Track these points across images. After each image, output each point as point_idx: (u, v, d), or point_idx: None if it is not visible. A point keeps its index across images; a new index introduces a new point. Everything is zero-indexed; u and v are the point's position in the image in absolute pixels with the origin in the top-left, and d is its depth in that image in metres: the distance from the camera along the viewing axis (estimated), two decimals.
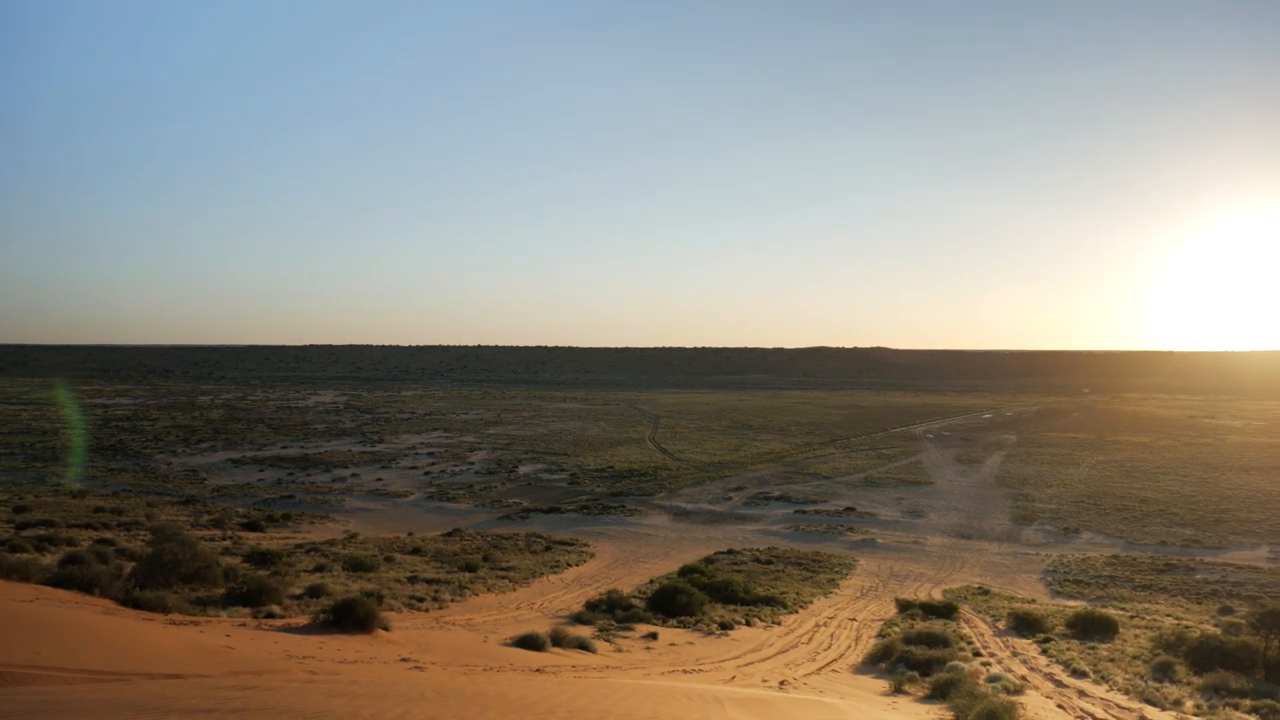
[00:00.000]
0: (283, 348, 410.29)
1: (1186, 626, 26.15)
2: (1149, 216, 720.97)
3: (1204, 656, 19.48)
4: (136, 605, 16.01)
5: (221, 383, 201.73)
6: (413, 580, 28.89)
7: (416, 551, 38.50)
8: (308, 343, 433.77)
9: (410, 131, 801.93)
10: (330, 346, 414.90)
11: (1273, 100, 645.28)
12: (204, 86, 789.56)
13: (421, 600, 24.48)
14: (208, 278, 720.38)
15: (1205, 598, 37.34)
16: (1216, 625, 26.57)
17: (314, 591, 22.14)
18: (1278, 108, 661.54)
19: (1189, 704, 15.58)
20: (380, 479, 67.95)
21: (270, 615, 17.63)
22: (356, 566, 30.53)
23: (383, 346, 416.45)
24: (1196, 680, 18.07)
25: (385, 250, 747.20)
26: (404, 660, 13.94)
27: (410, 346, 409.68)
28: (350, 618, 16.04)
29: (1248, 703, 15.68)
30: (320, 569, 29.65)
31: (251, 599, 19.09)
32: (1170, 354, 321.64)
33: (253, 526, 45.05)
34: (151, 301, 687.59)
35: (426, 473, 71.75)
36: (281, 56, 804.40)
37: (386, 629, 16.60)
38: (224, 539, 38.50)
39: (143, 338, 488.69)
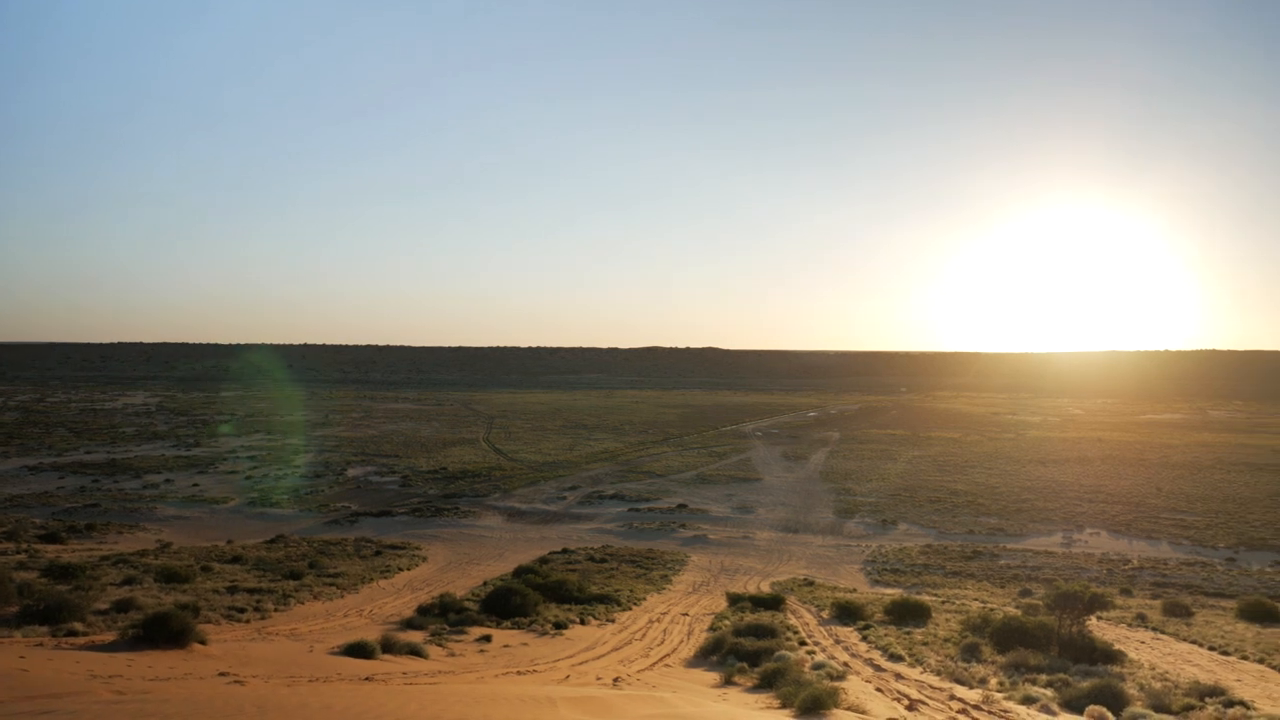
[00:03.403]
0: (86, 345, 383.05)
1: (991, 609, 27.96)
2: (957, 225, 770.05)
3: (1006, 637, 20.95)
4: None
5: (15, 383, 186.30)
6: (232, 590, 27.58)
7: (236, 560, 36.80)
8: (115, 340, 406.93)
9: (237, 126, 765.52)
10: (141, 344, 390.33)
11: (1080, 110, 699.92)
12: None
13: (242, 611, 23.40)
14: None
15: (1008, 582, 40.06)
16: (1017, 607, 28.52)
17: (122, 606, 20.82)
18: (1086, 117, 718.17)
19: (993, 681, 16.69)
20: (197, 485, 64.42)
21: (72, 633, 16.43)
22: (170, 578, 28.94)
23: (199, 345, 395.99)
24: (1000, 659, 19.42)
25: (202, 242, 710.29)
26: (222, 675, 13.25)
27: (230, 344, 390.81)
28: (162, 632, 15.12)
29: (1044, 677, 16.96)
30: (129, 582, 27.97)
31: (50, 616, 17.75)
32: (978, 355, 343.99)
33: (52, 538, 41.93)
34: None
35: (247, 477, 68.53)
36: (112, 43, 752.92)
37: (203, 643, 15.74)
38: (19, 552, 35.68)
39: None
